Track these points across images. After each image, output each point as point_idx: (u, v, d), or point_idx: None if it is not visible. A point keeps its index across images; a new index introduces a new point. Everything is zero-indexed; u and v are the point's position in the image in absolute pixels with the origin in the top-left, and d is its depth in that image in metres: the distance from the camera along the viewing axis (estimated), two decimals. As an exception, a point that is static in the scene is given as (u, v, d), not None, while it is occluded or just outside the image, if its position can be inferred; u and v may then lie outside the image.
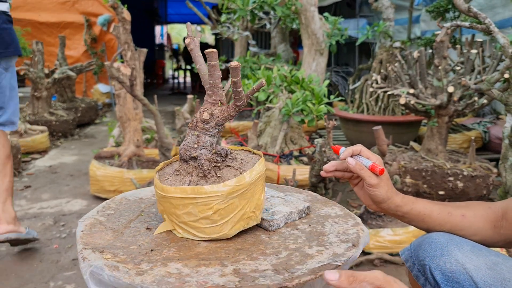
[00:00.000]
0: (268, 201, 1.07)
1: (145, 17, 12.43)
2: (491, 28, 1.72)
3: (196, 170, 0.89)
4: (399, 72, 2.88)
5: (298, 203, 1.05)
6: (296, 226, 0.98)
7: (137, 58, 3.26)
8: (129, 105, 3.28)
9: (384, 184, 0.95)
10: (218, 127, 0.90)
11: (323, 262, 0.80)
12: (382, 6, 4.18)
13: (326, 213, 1.06)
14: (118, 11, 3.01)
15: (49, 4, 7.30)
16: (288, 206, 1.03)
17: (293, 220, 1.01)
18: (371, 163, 0.95)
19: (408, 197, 1.00)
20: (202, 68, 0.91)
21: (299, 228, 0.97)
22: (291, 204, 1.04)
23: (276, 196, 1.11)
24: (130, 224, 0.96)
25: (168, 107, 7.82)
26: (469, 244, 0.93)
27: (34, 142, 4.33)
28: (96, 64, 6.65)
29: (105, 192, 3.06)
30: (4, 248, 2.35)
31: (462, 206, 1.01)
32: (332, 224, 0.99)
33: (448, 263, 0.89)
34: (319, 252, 0.84)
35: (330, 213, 1.06)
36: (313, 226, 0.98)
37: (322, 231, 0.95)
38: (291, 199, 1.08)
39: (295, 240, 0.90)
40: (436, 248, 0.92)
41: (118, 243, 0.86)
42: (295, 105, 2.93)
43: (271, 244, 0.88)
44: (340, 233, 0.94)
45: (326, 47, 3.62)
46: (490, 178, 2.65)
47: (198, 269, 0.77)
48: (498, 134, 3.96)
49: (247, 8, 3.41)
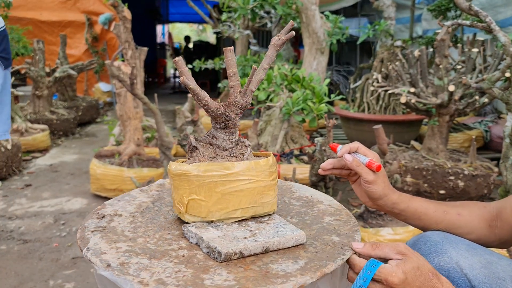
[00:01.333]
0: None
1: (146, 16, 12.42)
2: (492, 26, 1.72)
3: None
4: (400, 71, 2.87)
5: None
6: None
7: (138, 57, 3.26)
8: (129, 104, 3.28)
9: (381, 181, 0.95)
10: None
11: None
12: (383, 5, 4.17)
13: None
14: (118, 10, 3.01)
15: (51, 3, 7.31)
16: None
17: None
18: (367, 159, 0.95)
19: (405, 194, 1.00)
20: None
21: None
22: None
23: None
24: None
25: (169, 106, 7.82)
26: (464, 243, 0.93)
27: (35, 141, 4.33)
28: (97, 63, 6.65)
29: (105, 190, 3.06)
30: (5, 247, 2.35)
31: (458, 205, 1.02)
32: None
33: (443, 261, 0.90)
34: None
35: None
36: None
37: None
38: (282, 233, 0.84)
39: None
40: (431, 247, 0.92)
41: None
42: (296, 104, 2.92)
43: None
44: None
45: (327, 46, 3.61)
46: (491, 178, 2.64)
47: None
48: (499, 133, 3.95)
49: (248, 6, 3.40)
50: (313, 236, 0.87)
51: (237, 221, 0.86)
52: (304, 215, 0.97)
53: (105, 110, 7.26)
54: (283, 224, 0.86)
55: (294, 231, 0.82)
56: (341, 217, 0.96)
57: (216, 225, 0.86)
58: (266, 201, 0.88)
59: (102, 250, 0.79)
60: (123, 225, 0.90)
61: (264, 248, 0.78)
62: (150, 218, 0.94)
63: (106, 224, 0.90)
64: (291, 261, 0.76)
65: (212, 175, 0.83)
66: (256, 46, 5.56)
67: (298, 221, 0.94)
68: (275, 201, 0.91)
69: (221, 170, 0.83)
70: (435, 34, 3.59)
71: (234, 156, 0.88)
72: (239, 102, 0.86)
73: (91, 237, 0.84)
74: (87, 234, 0.85)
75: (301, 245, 0.81)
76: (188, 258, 0.77)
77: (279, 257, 0.77)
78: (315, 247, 0.81)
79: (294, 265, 0.74)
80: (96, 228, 0.88)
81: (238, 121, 0.89)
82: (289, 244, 0.80)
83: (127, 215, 0.95)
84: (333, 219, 0.95)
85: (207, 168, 0.83)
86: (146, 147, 3.64)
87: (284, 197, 1.09)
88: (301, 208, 1.01)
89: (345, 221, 0.94)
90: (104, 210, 0.98)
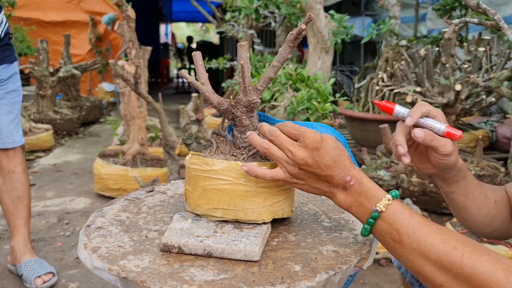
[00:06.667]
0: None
1: (149, 15, 12.44)
2: (501, 24, 1.70)
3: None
4: (405, 70, 2.85)
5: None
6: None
7: (142, 56, 3.25)
8: (133, 103, 3.27)
9: (456, 150, 0.82)
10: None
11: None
12: (388, 4, 4.15)
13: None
14: (122, 9, 3.00)
15: (55, 3, 7.32)
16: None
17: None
18: (445, 126, 0.79)
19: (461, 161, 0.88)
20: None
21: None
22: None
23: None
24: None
25: (172, 106, 7.82)
26: None
27: (38, 141, 4.33)
28: (101, 63, 6.65)
29: (109, 190, 3.05)
30: (8, 246, 2.34)
31: (492, 189, 0.94)
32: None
33: None
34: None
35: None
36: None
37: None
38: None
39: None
40: None
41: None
42: (300, 103, 2.91)
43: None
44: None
45: (331, 45, 3.59)
46: (498, 177, 2.61)
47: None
48: (505, 133, 3.92)
49: (252, 6, 3.39)
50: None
51: (218, 221, 0.83)
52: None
53: (109, 110, 7.26)
54: (253, 236, 0.77)
55: (251, 245, 0.74)
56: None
57: (199, 218, 0.85)
58: (249, 208, 0.80)
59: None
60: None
61: (206, 251, 0.74)
62: (177, 201, 1.01)
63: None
64: (217, 271, 0.70)
65: (195, 168, 0.83)
66: (260, 46, 5.55)
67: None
68: (267, 211, 0.81)
69: (203, 165, 0.82)
70: (441, 33, 3.57)
71: (233, 155, 0.86)
72: (242, 99, 0.85)
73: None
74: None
75: (252, 262, 0.73)
76: (145, 240, 0.81)
77: (212, 264, 0.73)
78: (265, 266, 0.72)
79: (214, 276, 0.68)
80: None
81: (246, 120, 0.86)
82: (236, 256, 0.73)
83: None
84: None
85: (193, 161, 0.84)
86: (150, 147, 3.63)
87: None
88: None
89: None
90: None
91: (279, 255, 0.77)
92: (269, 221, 0.83)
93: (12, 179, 1.98)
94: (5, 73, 1.94)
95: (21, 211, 2.02)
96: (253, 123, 0.86)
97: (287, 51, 0.82)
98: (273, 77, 0.83)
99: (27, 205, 2.04)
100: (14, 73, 1.99)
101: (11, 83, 1.97)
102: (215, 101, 0.86)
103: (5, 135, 1.93)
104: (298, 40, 0.80)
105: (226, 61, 5.39)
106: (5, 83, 1.95)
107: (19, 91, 2.03)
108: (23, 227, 2.03)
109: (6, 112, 1.95)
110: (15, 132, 1.97)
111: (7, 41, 1.97)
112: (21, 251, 2.02)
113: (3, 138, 1.94)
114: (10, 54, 1.99)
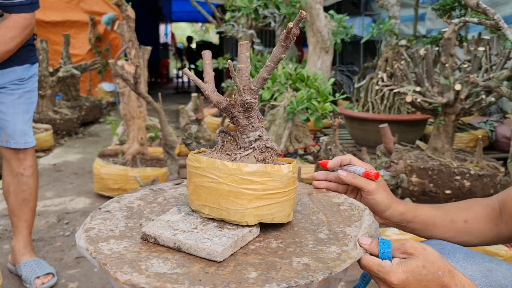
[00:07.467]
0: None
1: (149, 15, 12.43)
2: (500, 24, 1.70)
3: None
4: (405, 70, 2.85)
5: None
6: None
7: (141, 56, 3.25)
8: (133, 103, 3.27)
9: (382, 189, 0.92)
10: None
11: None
12: (388, 4, 4.15)
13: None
14: (122, 9, 3.00)
15: (55, 3, 7.32)
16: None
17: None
18: (363, 169, 0.91)
19: (410, 203, 0.98)
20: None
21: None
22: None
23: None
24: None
25: (172, 106, 7.82)
26: (461, 251, 0.90)
27: (38, 141, 4.33)
28: (101, 62, 6.65)
29: (109, 190, 3.05)
30: (8, 246, 2.34)
31: (462, 209, 0.99)
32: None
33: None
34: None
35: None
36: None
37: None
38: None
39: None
40: None
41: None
42: (300, 103, 2.91)
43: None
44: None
45: (331, 45, 3.60)
46: (497, 177, 2.61)
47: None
48: (505, 133, 3.92)
49: (251, 6, 3.39)
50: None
51: (207, 218, 0.83)
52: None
53: (108, 110, 7.26)
54: (226, 237, 0.76)
55: (216, 245, 0.73)
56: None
57: (192, 213, 0.86)
58: (232, 208, 0.79)
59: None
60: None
61: (176, 245, 0.76)
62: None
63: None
64: (175, 266, 0.70)
65: (189, 164, 0.84)
66: (259, 46, 5.55)
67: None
68: (251, 214, 0.79)
69: (194, 162, 0.83)
70: (440, 33, 3.57)
71: (228, 154, 0.86)
72: (237, 99, 0.85)
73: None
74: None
75: (214, 262, 0.72)
76: (137, 227, 0.83)
77: (177, 258, 0.73)
78: (224, 268, 0.71)
79: (168, 270, 0.69)
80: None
81: (243, 120, 0.86)
82: (201, 254, 0.73)
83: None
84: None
85: (189, 157, 0.85)
86: (150, 147, 3.63)
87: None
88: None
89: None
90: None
91: (247, 259, 0.74)
92: (254, 225, 0.80)
93: (20, 182, 1.99)
94: (26, 73, 1.95)
95: (25, 214, 2.03)
96: (252, 124, 0.86)
97: (280, 51, 0.81)
98: (267, 77, 0.83)
99: (31, 208, 2.05)
100: (34, 74, 2.01)
101: (30, 83, 1.99)
102: (214, 99, 0.86)
103: (18, 135, 1.93)
104: (291, 39, 0.78)
105: (226, 61, 5.39)
106: (26, 82, 1.96)
107: (36, 93, 2.04)
108: (25, 229, 2.04)
109: (23, 111, 1.95)
110: (28, 132, 1.98)
111: (31, 41, 1.98)
112: (21, 252, 2.02)
113: (16, 138, 1.93)
114: (33, 55, 2.00)
